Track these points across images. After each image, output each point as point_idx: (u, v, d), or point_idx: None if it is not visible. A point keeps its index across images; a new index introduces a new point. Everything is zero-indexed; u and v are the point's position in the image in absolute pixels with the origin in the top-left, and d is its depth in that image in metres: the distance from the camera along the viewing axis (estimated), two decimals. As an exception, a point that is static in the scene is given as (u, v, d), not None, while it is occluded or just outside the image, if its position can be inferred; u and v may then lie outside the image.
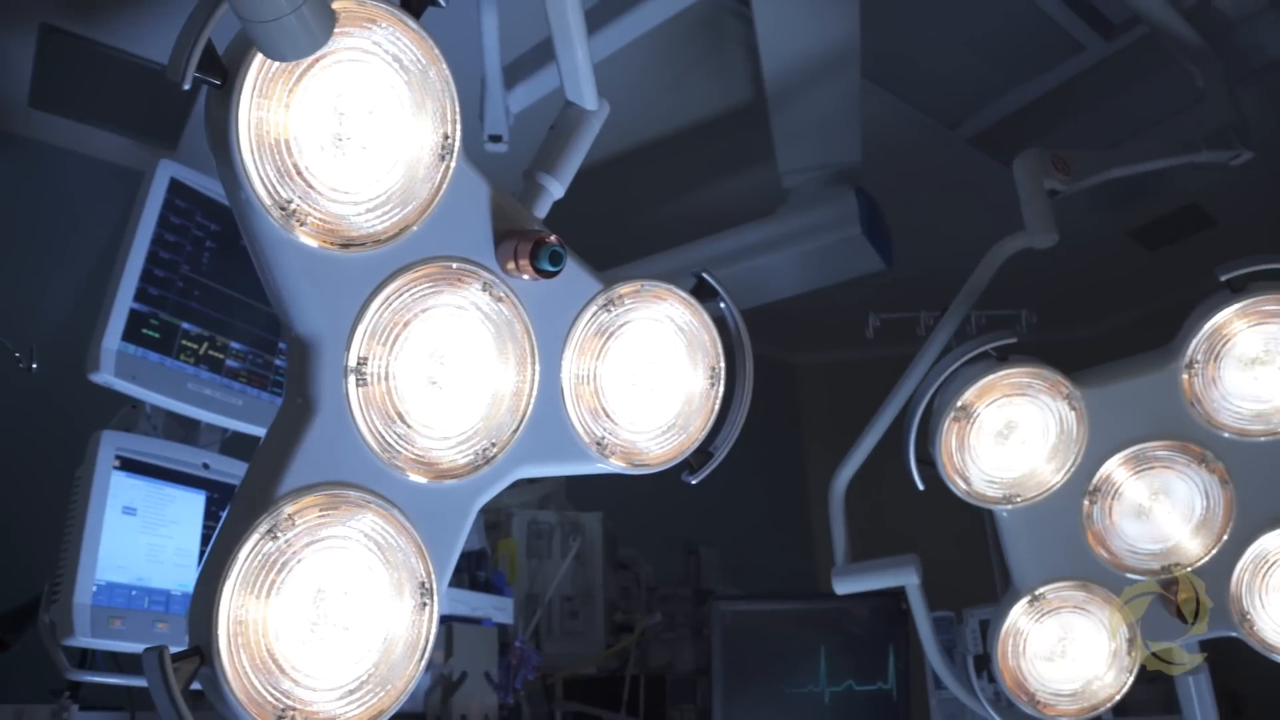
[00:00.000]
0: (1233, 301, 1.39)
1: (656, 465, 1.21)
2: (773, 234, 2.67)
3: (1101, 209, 3.91)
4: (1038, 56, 3.10)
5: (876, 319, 2.52)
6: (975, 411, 1.45)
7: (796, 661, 2.39)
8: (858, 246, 2.58)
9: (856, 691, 2.34)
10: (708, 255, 2.77)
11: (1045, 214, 1.77)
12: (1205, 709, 1.59)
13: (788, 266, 2.72)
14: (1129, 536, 1.51)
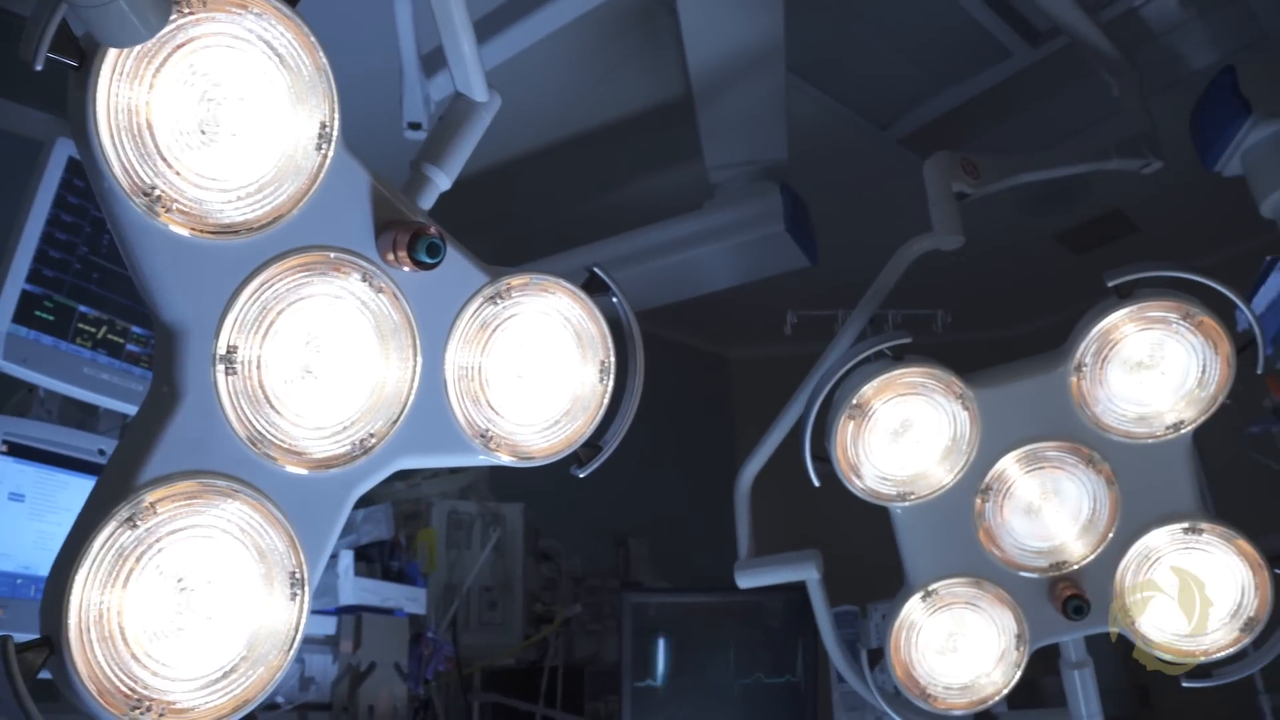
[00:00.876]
0: (1119, 307, 1.42)
1: (542, 458, 1.22)
2: (699, 229, 2.68)
3: (1029, 212, 3.98)
4: (966, 60, 3.15)
5: (794, 315, 2.54)
6: (869, 409, 1.47)
7: (706, 654, 2.41)
8: (782, 243, 2.60)
9: (765, 684, 2.37)
10: (636, 248, 2.78)
11: (952, 216, 1.80)
12: (1090, 702, 1.63)
13: (713, 261, 2.74)
14: (1019, 534, 1.55)
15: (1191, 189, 2.77)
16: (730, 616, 2.50)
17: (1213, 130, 2.32)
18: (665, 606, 2.52)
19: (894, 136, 3.45)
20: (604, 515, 3.98)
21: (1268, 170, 2.22)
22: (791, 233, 2.56)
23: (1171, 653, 1.54)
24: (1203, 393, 1.44)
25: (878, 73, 3.18)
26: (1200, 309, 1.41)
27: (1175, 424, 1.47)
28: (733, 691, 2.37)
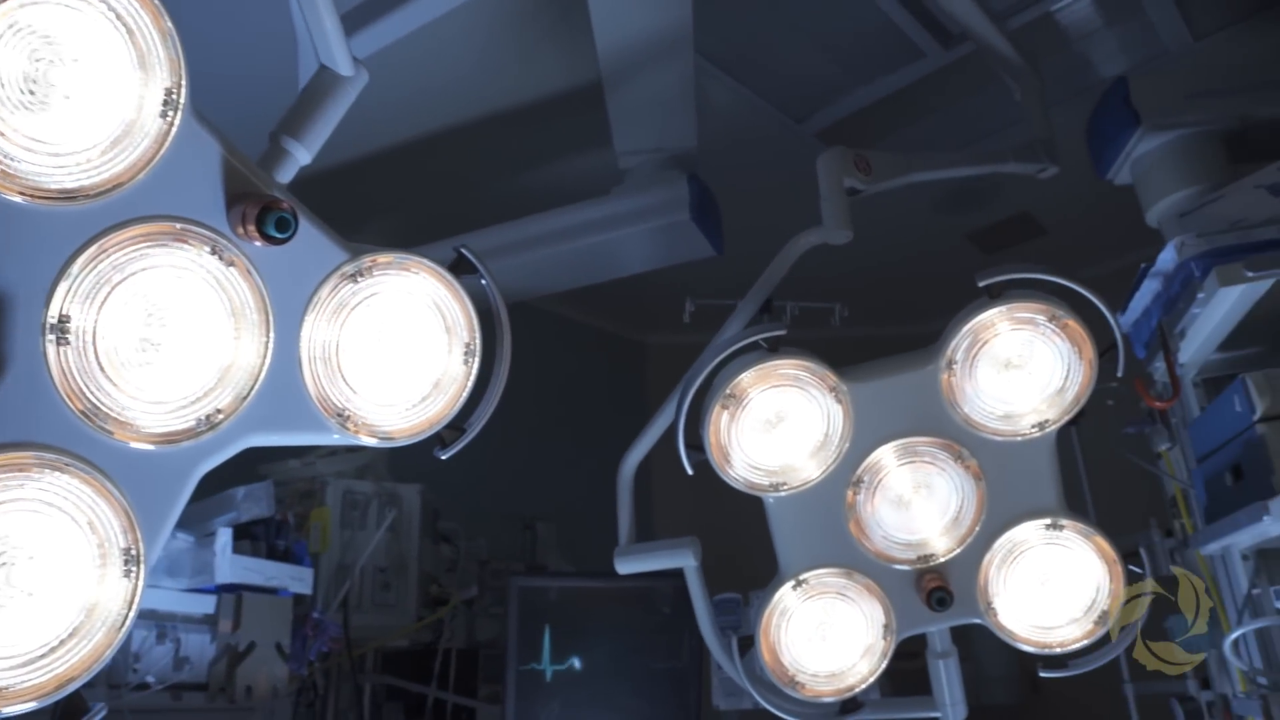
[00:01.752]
0: (990, 306, 1.45)
1: (404, 439, 1.20)
2: (606, 214, 2.68)
3: (943, 211, 4.06)
4: (882, 59, 3.18)
5: (692, 304, 2.55)
6: (742, 399, 1.48)
7: (594, 639, 2.41)
8: (687, 231, 2.61)
9: (652, 669, 2.39)
10: (543, 231, 2.77)
11: (842, 211, 1.83)
12: (953, 690, 1.67)
13: (619, 247, 2.74)
14: (889, 527, 1.57)
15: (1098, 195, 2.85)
16: (621, 602, 2.51)
17: (1105, 139, 2.38)
18: (555, 591, 2.52)
19: (810, 131, 3.48)
20: (513, 499, 3.97)
21: (1153, 180, 2.29)
22: (697, 221, 2.57)
23: (1030, 644, 1.58)
24: (1066, 394, 1.48)
25: (795, 67, 3.20)
26: (1066, 312, 1.44)
27: (1040, 423, 1.50)
28: (619, 677, 2.38)
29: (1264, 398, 1.60)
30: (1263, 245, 1.63)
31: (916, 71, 3.24)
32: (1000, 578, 1.57)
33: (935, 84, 3.28)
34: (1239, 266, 1.58)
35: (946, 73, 3.22)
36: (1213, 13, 3.03)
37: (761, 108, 3.33)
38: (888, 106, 3.40)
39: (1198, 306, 1.71)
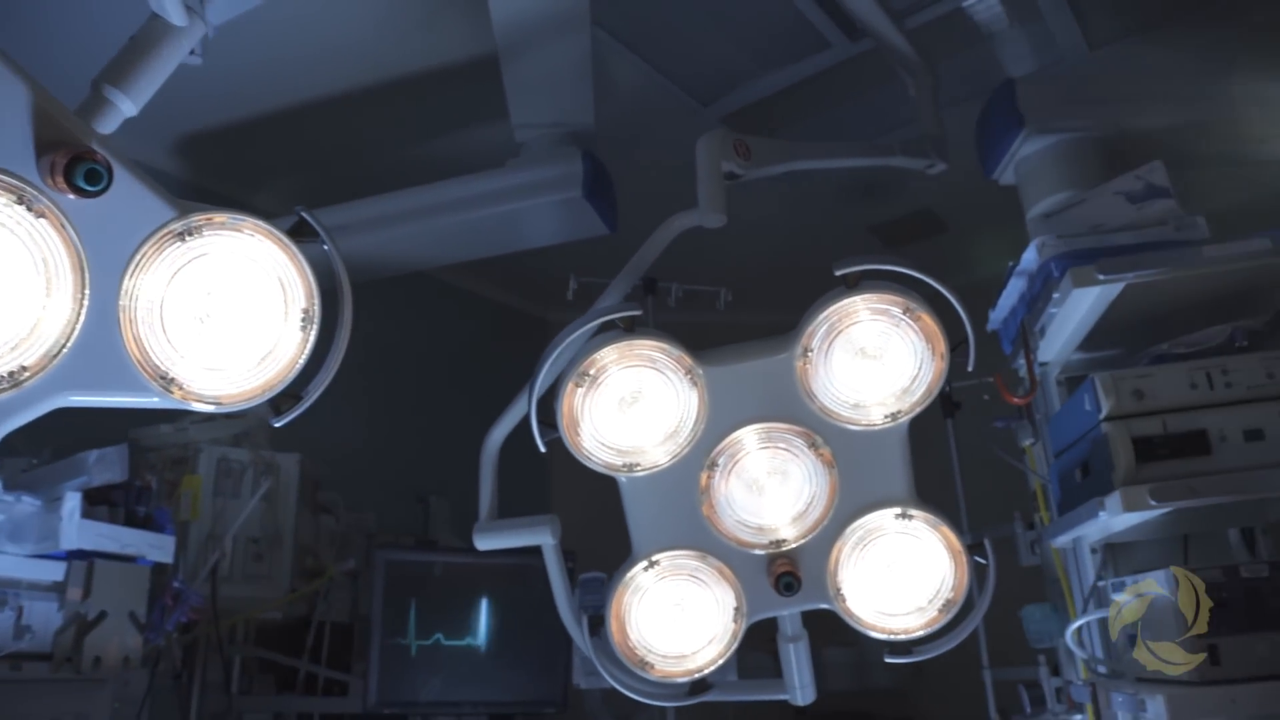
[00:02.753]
0: (845, 296, 1.46)
1: (231, 404, 1.17)
2: (499, 187, 2.65)
3: (845, 203, 4.10)
4: (788, 47, 3.19)
5: (576, 281, 2.54)
6: (597, 378, 1.47)
7: (461, 614, 2.40)
8: (579, 209, 2.59)
9: (519, 646, 2.38)
10: (435, 201, 2.73)
11: (718, 195, 1.82)
12: (803, 673, 1.69)
13: (513, 221, 2.71)
14: (741, 511, 1.58)
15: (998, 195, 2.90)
16: (491, 579, 2.49)
17: (991, 140, 2.43)
18: (415, 565, 2.49)
19: (716, 114, 3.48)
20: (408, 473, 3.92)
21: (1034, 182, 2.34)
22: (590, 199, 2.55)
23: (877, 630, 1.61)
24: (918, 386, 1.50)
25: (702, 49, 3.19)
26: (920, 305, 1.46)
27: (892, 414, 1.52)
28: (486, 654, 2.37)
29: (1109, 397, 1.64)
30: (1117, 250, 1.67)
31: (823, 62, 3.25)
32: (850, 565, 1.59)
33: (842, 75, 3.30)
34: (1092, 269, 1.62)
35: (853, 65, 3.23)
36: (1108, 24, 3.10)
37: (667, 89, 3.32)
38: (794, 95, 3.41)
39: (1054, 306, 1.75)
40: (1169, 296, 1.78)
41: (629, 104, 3.29)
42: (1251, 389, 1.63)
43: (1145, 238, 1.68)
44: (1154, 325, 1.87)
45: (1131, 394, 1.64)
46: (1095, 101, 2.34)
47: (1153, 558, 1.97)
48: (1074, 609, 2.06)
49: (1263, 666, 1.51)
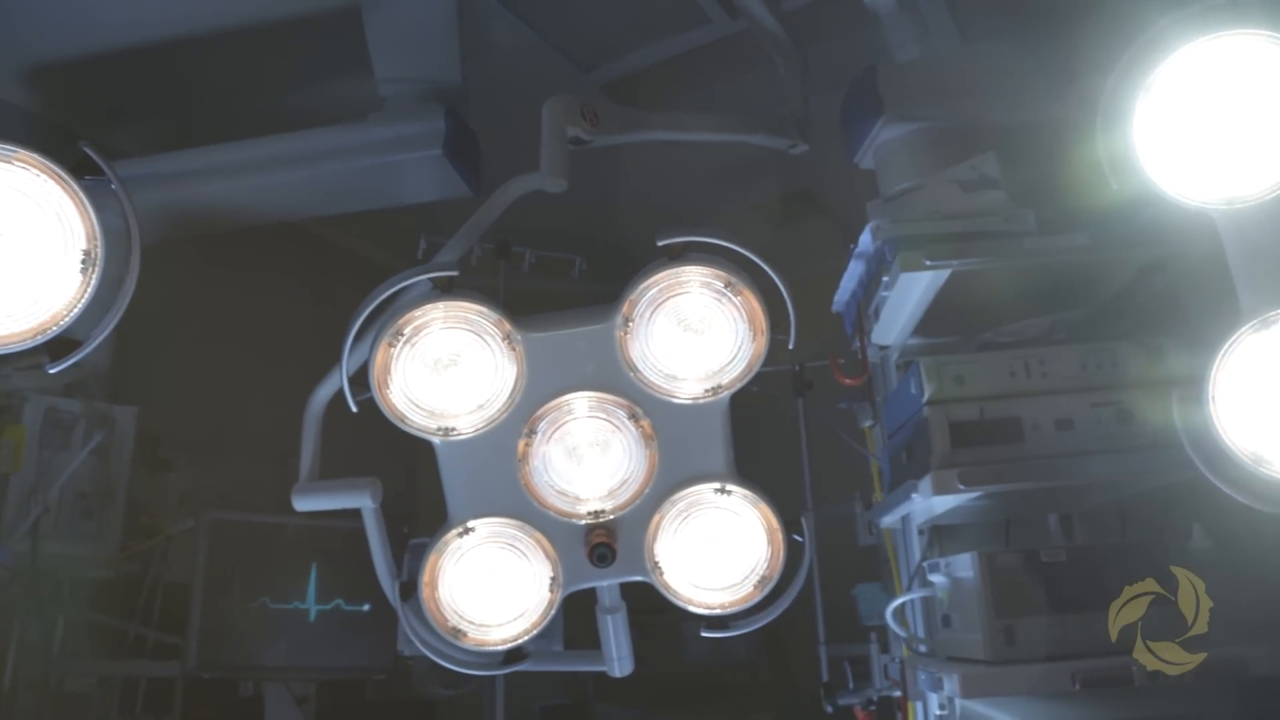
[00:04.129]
0: (667, 267, 1.45)
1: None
2: (358, 141, 2.55)
3: (726, 181, 4.11)
4: (669, 19, 3.16)
5: (425, 240, 2.48)
6: (410, 338, 1.43)
7: (287, 577, 2.33)
8: (440, 168, 2.52)
9: (344, 610, 2.33)
10: (298, 150, 2.62)
11: (560, 160, 1.79)
12: (620, 646, 1.69)
13: (373, 176, 2.62)
14: (559, 480, 1.56)
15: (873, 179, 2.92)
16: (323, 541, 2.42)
17: (852, 124, 2.44)
18: (242, 526, 2.42)
19: (596, 82, 3.43)
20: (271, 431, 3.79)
21: (890, 168, 2.35)
22: (451, 158, 2.48)
23: (693, 604, 1.61)
24: (738, 362, 1.50)
25: (583, 15, 3.14)
26: (743, 281, 1.45)
27: (714, 388, 1.52)
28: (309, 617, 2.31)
29: (931, 382, 1.67)
30: (948, 237, 1.70)
31: (703, 36, 3.23)
32: (667, 538, 1.59)
33: (722, 52, 3.28)
34: (919, 254, 1.64)
35: (733, 42, 3.23)
36: (981, 19, 3.15)
37: (547, 53, 3.26)
38: (674, 68, 3.39)
39: (885, 289, 1.77)
40: (999, 286, 1.81)
41: (507, 67, 3.22)
42: (1066, 380, 1.68)
43: (975, 226, 1.71)
44: (988, 313, 1.91)
45: (953, 380, 1.67)
46: (954, 93, 2.37)
47: (977, 540, 2.03)
48: (900, 588, 2.10)
49: (1054, 647, 1.56)
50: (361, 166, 2.57)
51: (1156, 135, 1.36)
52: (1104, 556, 1.61)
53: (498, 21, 3.03)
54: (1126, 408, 1.65)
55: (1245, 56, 1.31)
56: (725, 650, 4.54)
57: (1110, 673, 1.45)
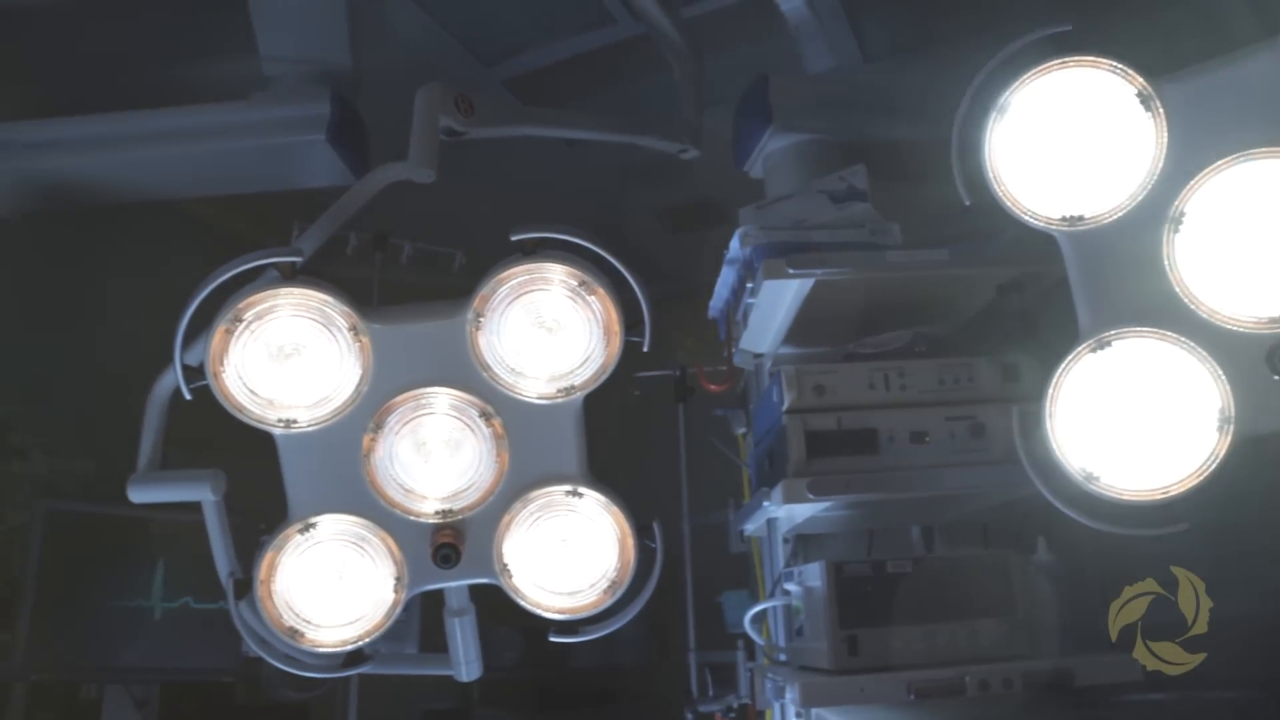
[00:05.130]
0: (521, 262, 1.42)
1: None
2: (238, 120, 2.48)
3: (635, 184, 4.11)
4: (574, 17, 3.14)
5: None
6: (249, 324, 1.38)
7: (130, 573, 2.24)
8: (322, 153, 2.45)
9: (194, 609, 2.25)
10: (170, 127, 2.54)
11: (430, 150, 1.75)
12: (468, 649, 1.65)
13: (254, 158, 2.54)
14: (407, 478, 1.52)
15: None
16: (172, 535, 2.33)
17: (743, 132, 2.45)
18: (82, 518, 2.31)
19: (499, 77, 3.39)
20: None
21: (777, 178, 2.37)
22: (334, 144, 2.42)
23: (543, 608, 1.58)
24: (592, 363, 1.47)
25: (487, 9, 3.10)
26: (597, 280, 1.43)
27: (567, 389, 1.49)
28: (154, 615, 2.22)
29: (791, 391, 1.67)
30: (813, 246, 1.70)
31: (608, 37, 3.21)
32: (516, 540, 1.55)
33: (628, 54, 3.27)
34: (782, 263, 1.64)
35: (639, 45, 3.21)
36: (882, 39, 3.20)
37: (449, 44, 3.21)
38: (579, 67, 3.36)
39: (751, 297, 1.77)
40: (866, 298, 1.83)
41: (407, 57, 3.16)
42: (923, 393, 1.69)
43: (841, 237, 1.72)
44: (857, 325, 1.92)
45: (813, 389, 1.67)
46: (843, 107, 2.39)
47: (840, 550, 2.04)
48: (764, 596, 2.11)
49: (895, 657, 1.57)
50: (242, 147, 2.50)
51: (1006, 156, 1.38)
52: (948, 569, 1.64)
53: (399, 10, 2.97)
54: (980, 422, 1.68)
55: (1091, 84, 1.34)
56: (614, 655, 4.52)
57: (943, 683, 1.47)
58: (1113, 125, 1.34)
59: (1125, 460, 1.35)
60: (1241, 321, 1.28)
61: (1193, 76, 1.31)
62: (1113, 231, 1.34)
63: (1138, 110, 1.32)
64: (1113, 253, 1.35)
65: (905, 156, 2.49)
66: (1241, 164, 1.26)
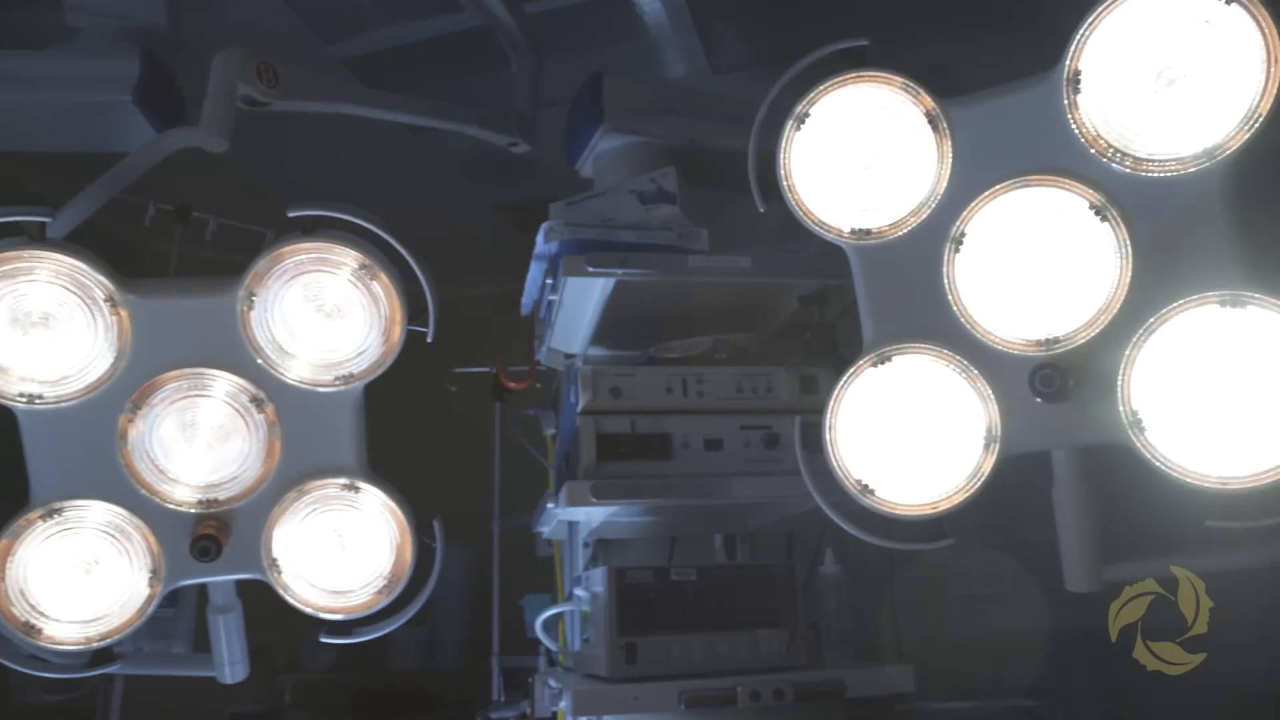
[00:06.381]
0: (298, 240, 1.35)
1: None
2: (34, 72, 2.29)
3: (474, 178, 4.03)
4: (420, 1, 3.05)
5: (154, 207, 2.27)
6: (-5, 294, 1.26)
7: None
8: (127, 114, 2.29)
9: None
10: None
11: (222, 117, 1.66)
12: (232, 648, 1.55)
13: (53, 114, 2.36)
14: (166, 464, 1.42)
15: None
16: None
17: (575, 131, 2.41)
18: None
19: (340, 55, 3.26)
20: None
21: (605, 179, 2.33)
22: (141, 106, 2.26)
23: (313, 607, 1.51)
24: (372, 351, 1.41)
25: (330, -13, 2.98)
26: (381, 265, 1.37)
27: (345, 376, 1.42)
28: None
29: (586, 392, 1.64)
30: (619, 246, 1.68)
31: (454, 24, 3.12)
32: (287, 534, 1.47)
33: (473, 43, 3.20)
34: (582, 260, 1.61)
35: (485, 34, 3.15)
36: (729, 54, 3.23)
37: (286, 15, 3.07)
38: (424, 54, 3.27)
39: (552, 294, 1.74)
40: (674, 302, 1.81)
41: (240, 25, 3.01)
42: (721, 401, 1.69)
43: (647, 239, 1.70)
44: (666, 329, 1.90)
45: (609, 391, 1.65)
46: (675, 112, 2.38)
47: (641, 557, 2.02)
48: (564, 601, 2.07)
49: (674, 666, 1.55)
50: (35, 100, 2.31)
51: (802, 166, 1.39)
52: (732, 578, 1.63)
53: (237, -18, 2.83)
54: (775, 433, 1.68)
55: (882, 101, 1.35)
56: (435, 657, 4.43)
57: (715, 694, 1.46)
58: (904, 143, 1.36)
59: (900, 474, 1.36)
60: (1011, 343, 1.30)
61: (982, 101, 1.33)
62: (898, 248, 1.36)
63: (927, 130, 1.34)
64: (898, 269, 1.36)
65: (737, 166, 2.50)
66: (1019, 190, 1.29)
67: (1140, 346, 1.21)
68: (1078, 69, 1.23)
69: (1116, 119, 1.23)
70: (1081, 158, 1.25)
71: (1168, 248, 1.22)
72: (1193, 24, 1.16)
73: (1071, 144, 1.25)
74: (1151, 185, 1.22)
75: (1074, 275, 1.27)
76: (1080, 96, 1.23)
